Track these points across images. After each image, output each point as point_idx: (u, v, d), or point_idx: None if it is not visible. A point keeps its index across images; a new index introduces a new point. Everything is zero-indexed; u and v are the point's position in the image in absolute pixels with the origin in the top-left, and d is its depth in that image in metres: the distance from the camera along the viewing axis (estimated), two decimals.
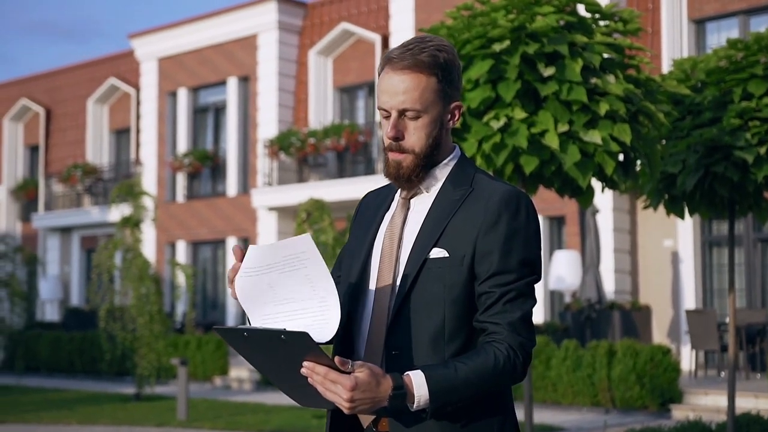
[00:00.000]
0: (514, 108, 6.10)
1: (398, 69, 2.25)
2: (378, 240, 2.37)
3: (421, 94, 2.24)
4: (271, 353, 2.06)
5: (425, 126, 2.27)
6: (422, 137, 2.27)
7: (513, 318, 2.19)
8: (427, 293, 2.23)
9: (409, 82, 2.24)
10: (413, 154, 2.28)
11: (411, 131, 2.27)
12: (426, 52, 2.25)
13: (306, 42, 21.50)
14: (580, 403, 13.19)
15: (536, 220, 2.29)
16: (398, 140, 2.28)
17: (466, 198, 2.28)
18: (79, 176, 24.65)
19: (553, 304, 17.37)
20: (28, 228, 27.00)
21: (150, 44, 23.57)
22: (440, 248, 2.24)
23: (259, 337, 2.04)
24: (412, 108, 2.25)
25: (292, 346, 2.01)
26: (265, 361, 2.12)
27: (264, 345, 2.05)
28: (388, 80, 2.26)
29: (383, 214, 2.41)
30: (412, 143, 2.28)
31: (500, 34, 6.09)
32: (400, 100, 2.24)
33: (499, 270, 2.20)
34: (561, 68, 6.13)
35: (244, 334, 2.05)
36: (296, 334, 1.98)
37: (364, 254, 2.37)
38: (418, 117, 2.26)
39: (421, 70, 2.24)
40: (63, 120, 26.60)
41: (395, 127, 2.27)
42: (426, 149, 2.28)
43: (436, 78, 2.25)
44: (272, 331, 2.01)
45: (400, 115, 2.27)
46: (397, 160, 2.29)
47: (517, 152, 6.16)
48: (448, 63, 2.28)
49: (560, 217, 17.20)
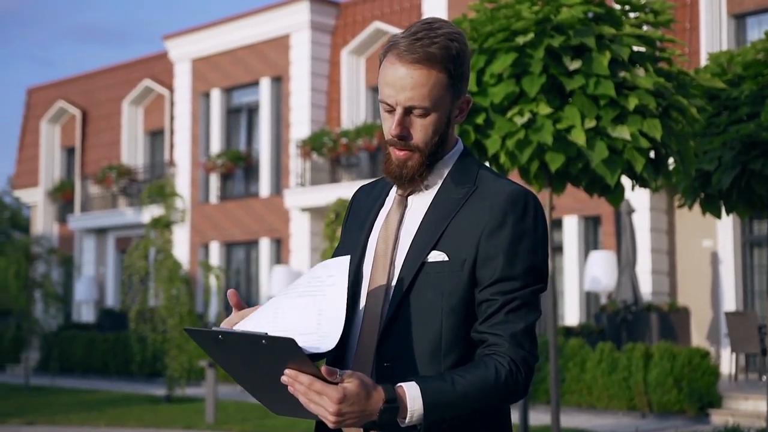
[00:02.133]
0: (538, 103, 5.89)
1: (406, 62, 2.04)
2: (372, 240, 2.17)
3: (431, 90, 2.04)
4: (249, 359, 1.88)
5: (433, 123, 2.08)
6: (429, 135, 2.08)
7: (516, 329, 2.00)
8: (423, 300, 2.04)
9: (418, 77, 2.03)
10: (419, 152, 2.09)
11: (417, 129, 2.08)
12: (437, 44, 2.03)
13: (338, 41, 21.37)
14: (615, 407, 12.89)
15: (544, 224, 2.10)
16: (404, 139, 2.08)
17: (469, 197, 2.09)
18: (114, 177, 24.74)
19: (589, 305, 17.06)
20: (64, 229, 27.16)
21: (184, 45, 23.58)
22: (439, 251, 2.05)
23: (236, 341, 1.86)
24: (420, 106, 2.05)
25: (274, 353, 1.83)
26: (240, 367, 1.94)
27: (241, 350, 1.87)
28: (393, 72, 2.06)
29: (377, 212, 2.22)
30: (418, 141, 2.08)
31: (524, 27, 5.88)
32: (407, 96, 2.04)
33: (503, 276, 2.01)
34: (588, 61, 5.90)
35: (219, 337, 1.87)
36: (280, 340, 1.80)
37: (356, 256, 2.18)
38: (425, 115, 2.07)
39: (432, 64, 2.03)
40: (99, 122, 26.72)
41: (401, 125, 2.07)
42: (432, 147, 2.10)
43: (447, 73, 2.05)
44: (252, 335, 1.83)
45: (407, 112, 2.07)
46: (401, 158, 2.10)
47: (542, 149, 5.94)
48: (460, 55, 2.07)
49: (596, 216, 16.89)
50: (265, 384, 1.90)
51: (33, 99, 28.90)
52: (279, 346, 1.80)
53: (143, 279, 15.64)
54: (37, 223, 27.89)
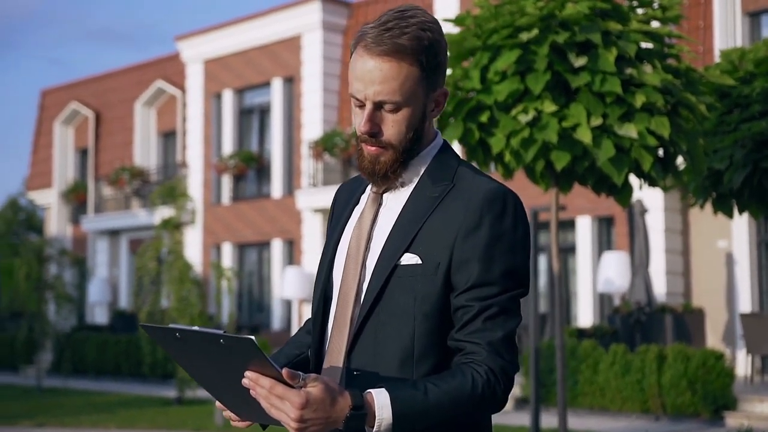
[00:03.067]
0: (543, 101, 5.78)
1: (375, 54, 1.93)
2: (344, 240, 2.07)
3: (402, 84, 1.93)
4: (209, 359, 1.80)
5: (405, 119, 1.97)
6: (402, 131, 1.97)
7: (494, 337, 1.89)
8: (395, 305, 1.93)
9: (388, 70, 1.92)
10: (392, 148, 1.98)
11: (389, 124, 1.97)
12: (408, 34, 1.92)
13: (350, 41, 21.24)
14: (629, 410, 12.74)
15: (525, 225, 1.98)
16: (375, 136, 1.98)
17: (445, 196, 1.97)
18: (127, 179, 24.74)
19: (602, 306, 16.90)
20: (78, 231, 27.19)
21: (195, 46, 23.56)
22: (412, 254, 1.94)
23: (195, 339, 1.77)
24: (390, 101, 1.94)
25: (233, 353, 1.74)
26: (201, 368, 1.86)
27: (200, 349, 1.79)
28: (362, 65, 1.95)
29: (352, 210, 2.12)
30: (390, 137, 1.98)
31: (528, 23, 5.77)
32: (376, 90, 1.94)
33: (479, 281, 1.90)
34: (593, 58, 5.78)
35: (176, 335, 1.78)
36: (238, 339, 1.71)
37: (328, 257, 2.08)
38: (397, 110, 1.96)
39: (402, 57, 1.92)
40: (112, 123, 26.75)
41: (370, 121, 1.96)
42: (406, 143, 1.99)
43: (418, 65, 1.94)
44: (210, 334, 1.74)
45: (377, 107, 1.96)
46: (373, 154, 2.00)
47: (548, 148, 5.83)
48: (433, 45, 1.95)
49: (609, 217, 16.74)
50: (228, 387, 1.82)
51: (46, 101, 28.97)
52: (237, 346, 1.72)
53: (154, 280, 15.61)
54: (51, 225, 27.94)
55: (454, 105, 5.92)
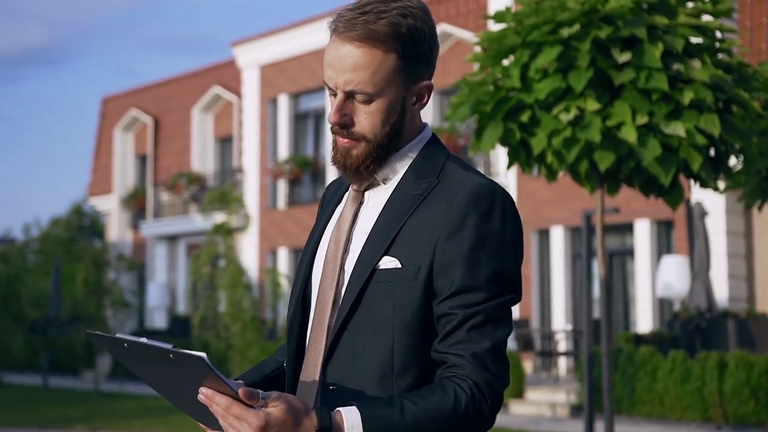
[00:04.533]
0: (586, 99, 5.56)
1: (347, 39, 1.77)
2: (323, 242, 1.91)
3: (374, 73, 1.77)
4: (162, 371, 1.69)
5: (379, 111, 1.80)
6: (376, 124, 1.81)
7: (479, 349, 1.71)
8: (373, 313, 1.76)
9: (359, 57, 1.76)
10: (365, 141, 1.82)
11: (361, 116, 1.81)
12: (384, 19, 1.76)
13: None
14: (689, 419, 12.37)
15: (515, 224, 1.79)
16: (345, 127, 1.82)
17: (428, 193, 1.80)
18: (184, 184, 24.94)
19: (662, 312, 16.49)
20: (137, 236, 27.48)
21: (251, 52, 23.65)
22: (391, 257, 1.77)
23: (144, 351, 1.66)
24: (361, 91, 1.78)
25: (184, 369, 1.62)
26: (156, 378, 1.74)
27: (152, 361, 1.68)
28: (334, 51, 1.79)
29: (334, 209, 1.96)
30: (364, 130, 1.81)
31: (570, 18, 5.56)
32: (346, 78, 1.78)
33: (463, 287, 1.72)
34: (638, 54, 5.55)
35: (125, 345, 1.67)
36: (188, 356, 1.58)
37: (306, 260, 1.93)
38: (369, 101, 1.79)
39: (375, 43, 1.76)
40: (170, 129, 27.01)
41: (339, 111, 1.80)
42: (381, 138, 1.82)
43: (395, 54, 1.77)
44: (159, 348, 1.61)
45: (348, 97, 1.80)
46: (344, 146, 1.84)
47: (591, 147, 5.61)
48: (413, 33, 1.78)
49: (668, 220, 16.34)
50: (188, 398, 1.69)
51: (107, 108, 29.38)
52: (187, 362, 1.59)
53: (207, 285, 15.65)
54: (112, 231, 28.30)
55: (493, 104, 5.74)
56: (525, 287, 18.31)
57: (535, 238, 18.33)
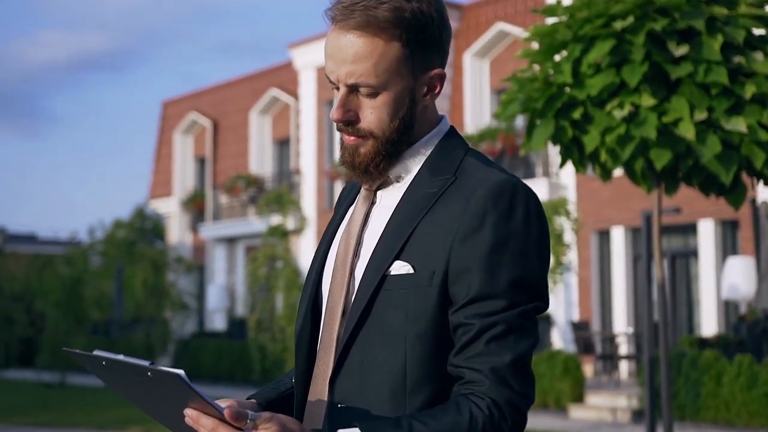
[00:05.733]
0: (641, 94, 5.34)
1: (345, 28, 1.63)
2: (334, 246, 1.77)
3: (377, 64, 1.62)
4: (142, 389, 1.58)
5: (386, 105, 1.65)
6: (383, 119, 1.66)
7: (499, 362, 1.54)
8: (384, 323, 1.61)
9: (360, 46, 1.62)
10: (372, 138, 1.67)
11: (367, 111, 1.66)
12: (385, 4, 1.61)
13: (461, 44, 20.94)
14: (756, 425, 11.98)
15: (540, 224, 1.63)
16: (351, 124, 1.67)
17: (444, 191, 1.64)
18: (243, 187, 25.04)
19: (727, 314, 16.03)
20: (197, 238, 27.69)
21: (308, 54, 23.65)
22: (403, 261, 1.62)
23: (122, 369, 1.55)
24: (365, 84, 1.63)
25: (163, 387, 1.51)
26: (136, 395, 1.63)
27: (131, 378, 1.58)
28: (333, 41, 1.65)
29: (347, 211, 1.82)
30: (371, 126, 1.66)
31: (623, 11, 5.34)
32: (348, 70, 1.63)
33: (481, 294, 1.56)
34: (696, 46, 5.30)
35: (102, 363, 1.57)
36: (165, 374, 1.46)
37: (317, 264, 1.78)
38: (375, 94, 1.65)
39: (377, 31, 1.61)
40: (228, 132, 27.17)
41: (342, 107, 1.66)
42: (390, 133, 1.67)
43: (399, 41, 1.63)
44: (137, 366, 1.50)
45: (352, 91, 1.66)
46: (351, 144, 1.69)
47: (646, 145, 5.37)
48: (418, 17, 1.63)
49: (733, 220, 15.88)
50: (171, 417, 1.57)
51: (168, 111, 29.68)
52: (166, 380, 1.47)
53: (264, 287, 15.64)
54: (172, 233, 28.55)
55: (544, 101, 5.54)
56: (585, 289, 17.97)
57: (596, 239, 17.99)
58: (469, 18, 21.05)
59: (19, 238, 41.59)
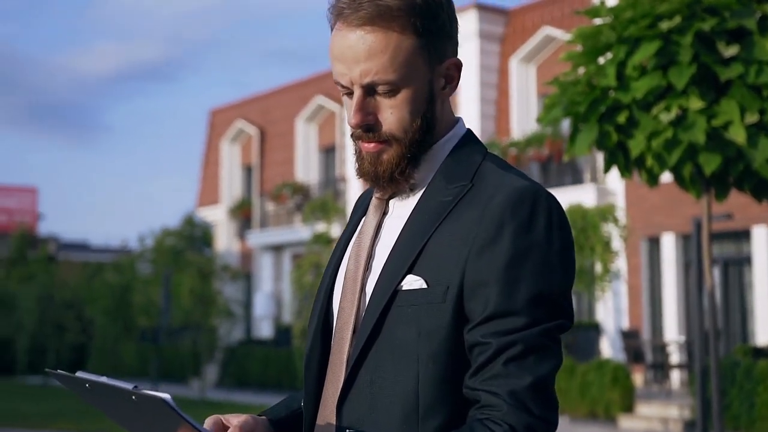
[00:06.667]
0: (689, 97, 5.15)
1: (354, 24, 1.50)
2: (345, 260, 1.65)
3: (393, 57, 1.50)
4: (128, 412, 1.51)
5: (407, 103, 1.52)
6: (405, 118, 1.53)
7: (518, 385, 1.41)
8: (395, 342, 1.49)
9: (373, 41, 1.50)
10: (396, 142, 1.54)
11: (387, 112, 1.53)
12: None
13: (508, 49, 20.75)
14: None
15: (563, 234, 1.49)
16: (371, 129, 1.54)
17: (459, 199, 1.52)
18: (289, 194, 25.08)
19: None
20: (244, 246, 27.78)
21: None
22: (416, 275, 1.49)
23: (106, 392, 1.48)
24: (383, 81, 1.51)
25: (149, 411, 1.43)
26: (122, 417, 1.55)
27: (116, 401, 1.51)
28: (341, 41, 1.52)
29: (359, 221, 1.69)
30: (393, 128, 1.53)
31: (670, 10, 5.16)
32: (363, 69, 1.51)
33: (499, 311, 1.43)
34: (747, 46, 5.11)
35: (86, 386, 1.50)
36: (150, 397, 1.38)
37: (328, 279, 1.66)
38: (395, 91, 1.52)
39: (389, 22, 1.49)
40: (275, 139, 27.25)
41: (362, 110, 1.53)
42: (413, 134, 1.54)
43: (414, 30, 1.51)
44: (120, 389, 1.42)
45: (368, 92, 1.53)
46: (372, 152, 1.56)
47: (695, 149, 5.18)
48: (430, 4, 1.52)
49: None
50: None
51: (215, 119, 29.87)
52: (151, 404, 1.39)
53: (308, 295, 15.59)
54: (220, 241, 28.69)
55: (587, 105, 5.38)
56: (634, 296, 17.65)
57: (645, 246, 17.67)
58: (515, 23, 20.86)
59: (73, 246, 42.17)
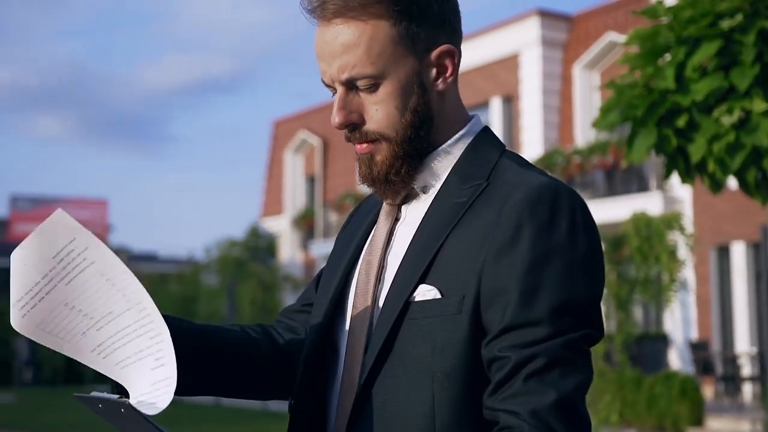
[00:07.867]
0: (752, 98, 4.93)
1: (327, 18, 1.41)
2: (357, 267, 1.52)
3: (369, 49, 1.40)
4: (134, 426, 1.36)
5: (391, 97, 1.42)
6: (391, 114, 1.42)
7: (540, 404, 1.27)
8: (409, 359, 1.36)
9: (347, 34, 1.40)
10: (385, 140, 1.43)
11: (371, 109, 1.43)
12: None
13: (571, 56, 20.45)
14: None
15: (589, 236, 1.35)
16: (356, 128, 1.44)
17: (475, 199, 1.39)
18: (351, 204, 25.09)
19: None
20: (307, 256, 27.85)
21: None
22: (429, 285, 1.37)
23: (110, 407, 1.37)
24: (361, 75, 1.41)
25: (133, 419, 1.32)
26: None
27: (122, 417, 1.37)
28: (319, 38, 1.44)
29: (368, 228, 1.56)
30: (380, 125, 1.43)
31: (731, 8, 4.95)
32: (340, 65, 1.41)
33: (518, 321, 1.30)
34: None
35: (99, 406, 1.38)
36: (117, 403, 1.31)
37: (333, 288, 1.53)
38: (375, 86, 1.41)
39: (360, 13, 1.39)
40: (337, 150, 27.30)
41: (344, 109, 1.44)
42: (404, 131, 1.43)
43: (387, 19, 1.39)
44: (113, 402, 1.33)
45: (350, 88, 1.43)
46: (364, 153, 1.46)
47: (759, 153, 4.95)
48: None
49: None
50: None
51: (278, 130, 30.06)
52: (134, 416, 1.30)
53: None
54: (284, 251, 28.81)
55: (645, 109, 5.18)
56: (703, 307, 17.19)
57: (714, 255, 17.20)
58: (578, 29, 20.56)
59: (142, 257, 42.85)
